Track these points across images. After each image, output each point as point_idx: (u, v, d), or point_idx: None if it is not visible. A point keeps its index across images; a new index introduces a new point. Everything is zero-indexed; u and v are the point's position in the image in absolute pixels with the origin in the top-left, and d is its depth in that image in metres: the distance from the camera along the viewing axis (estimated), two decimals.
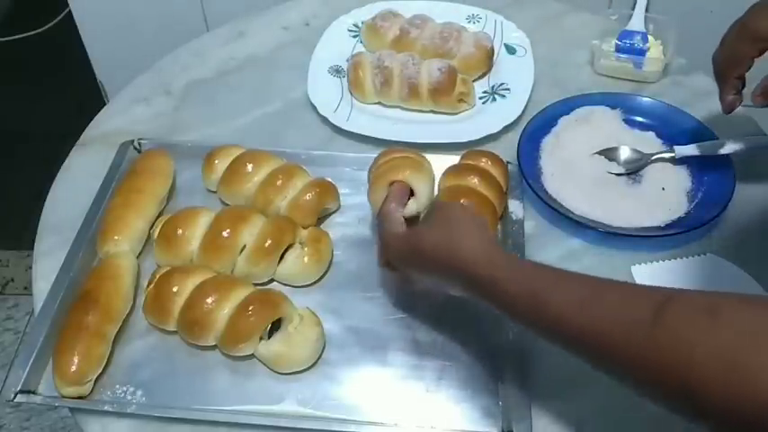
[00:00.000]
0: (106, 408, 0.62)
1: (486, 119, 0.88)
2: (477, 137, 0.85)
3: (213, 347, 0.67)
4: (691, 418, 0.41)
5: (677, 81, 0.94)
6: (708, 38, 0.72)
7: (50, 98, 2.03)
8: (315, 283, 0.72)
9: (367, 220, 0.77)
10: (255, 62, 0.99)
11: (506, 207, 0.76)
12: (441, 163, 0.77)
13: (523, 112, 0.88)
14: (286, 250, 0.71)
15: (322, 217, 0.77)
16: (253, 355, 0.65)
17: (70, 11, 1.57)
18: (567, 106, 0.87)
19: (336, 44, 0.99)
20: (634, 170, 0.81)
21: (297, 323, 0.65)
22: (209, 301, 0.65)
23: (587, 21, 1.03)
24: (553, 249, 0.75)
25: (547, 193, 0.78)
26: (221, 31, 1.05)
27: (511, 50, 0.97)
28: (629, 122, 0.86)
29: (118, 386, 0.64)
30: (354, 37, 1.00)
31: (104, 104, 0.96)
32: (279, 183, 0.76)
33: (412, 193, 0.70)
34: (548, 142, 0.84)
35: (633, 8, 1.01)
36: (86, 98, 1.65)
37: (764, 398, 0.35)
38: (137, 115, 0.92)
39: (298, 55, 0.97)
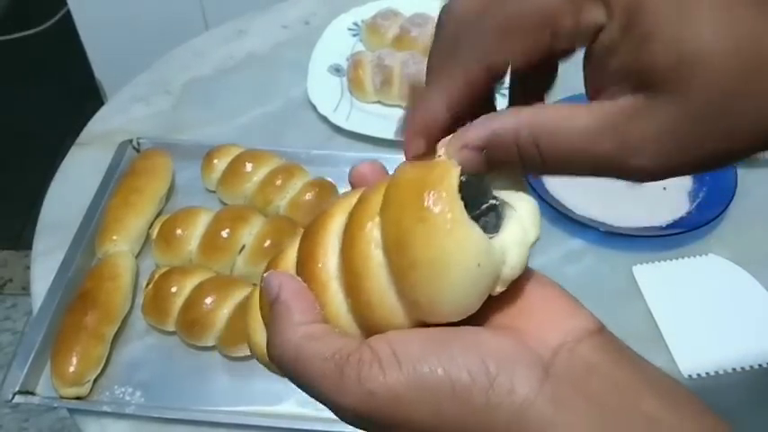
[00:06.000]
0: (105, 408, 0.62)
1: None
2: None
3: (212, 348, 0.66)
4: None
5: None
6: None
7: (49, 97, 2.03)
8: None
9: None
10: (255, 61, 0.99)
11: None
12: None
13: None
14: None
15: None
16: None
17: (69, 10, 1.56)
18: None
19: (336, 43, 0.98)
20: None
21: None
22: (208, 301, 0.65)
23: None
24: (554, 249, 0.75)
25: (548, 192, 0.78)
26: (220, 29, 1.05)
27: None
28: None
29: (116, 387, 0.64)
30: (354, 36, 1.00)
31: (103, 103, 0.96)
32: (278, 182, 0.76)
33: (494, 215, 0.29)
34: None
35: None
36: (85, 97, 1.65)
37: None
38: (135, 114, 0.91)
39: (297, 54, 0.97)
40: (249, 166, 0.77)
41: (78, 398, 0.62)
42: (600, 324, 0.28)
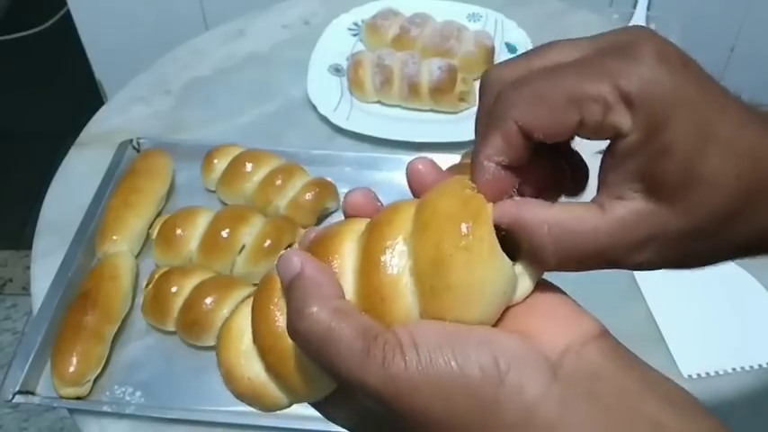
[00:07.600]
0: (105, 408, 0.62)
1: None
2: None
3: (212, 348, 0.66)
4: None
5: None
6: (710, 37, 0.72)
7: (49, 97, 2.02)
8: None
9: None
10: (255, 61, 0.99)
11: None
12: (441, 163, 0.76)
13: None
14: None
15: (322, 217, 0.77)
16: None
17: (69, 9, 1.56)
18: None
19: (336, 43, 0.98)
20: None
21: None
22: (208, 301, 0.65)
23: (588, 19, 1.03)
24: None
25: None
26: (221, 29, 1.05)
27: (512, 49, 0.97)
28: None
29: (116, 387, 0.64)
30: (354, 35, 1.00)
31: (103, 103, 0.96)
32: (278, 182, 0.76)
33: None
34: None
35: (635, 7, 1.01)
36: (85, 97, 1.65)
37: None
38: (136, 114, 0.91)
39: (297, 54, 0.97)
40: (249, 166, 0.77)
41: (78, 398, 0.63)
42: (603, 328, 0.29)
